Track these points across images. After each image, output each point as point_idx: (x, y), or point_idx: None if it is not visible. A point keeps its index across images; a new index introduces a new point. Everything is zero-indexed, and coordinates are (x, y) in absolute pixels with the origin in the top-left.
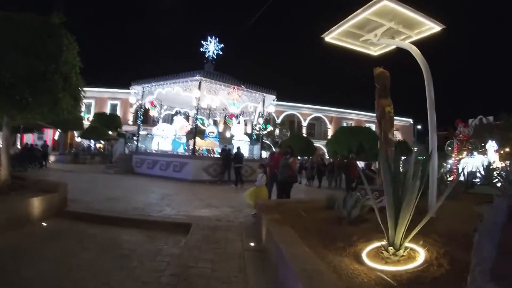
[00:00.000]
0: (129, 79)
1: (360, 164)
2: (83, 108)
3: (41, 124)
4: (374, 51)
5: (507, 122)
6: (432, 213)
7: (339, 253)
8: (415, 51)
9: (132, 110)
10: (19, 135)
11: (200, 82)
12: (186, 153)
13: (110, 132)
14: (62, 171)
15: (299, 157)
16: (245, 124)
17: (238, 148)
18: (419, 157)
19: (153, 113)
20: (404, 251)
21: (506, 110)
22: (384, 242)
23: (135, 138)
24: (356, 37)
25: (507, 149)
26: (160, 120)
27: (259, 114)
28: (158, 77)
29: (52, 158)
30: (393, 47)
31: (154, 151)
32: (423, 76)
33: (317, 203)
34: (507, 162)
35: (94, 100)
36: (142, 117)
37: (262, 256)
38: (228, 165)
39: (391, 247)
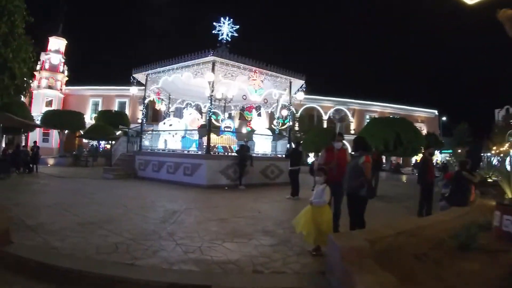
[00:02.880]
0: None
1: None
2: (89, 105)
3: (25, 122)
4: None
5: None
6: None
7: None
8: None
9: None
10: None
11: (213, 63)
12: (199, 152)
13: (119, 132)
14: (52, 177)
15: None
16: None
17: (297, 144)
18: (447, 151)
19: (160, 106)
20: None
21: None
22: None
23: (144, 135)
24: None
25: None
26: (171, 115)
27: (282, 105)
28: (164, 60)
29: (51, 161)
30: None
31: (161, 151)
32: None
33: (431, 233)
34: None
35: (101, 98)
36: (147, 110)
37: None
38: (243, 166)
39: None
